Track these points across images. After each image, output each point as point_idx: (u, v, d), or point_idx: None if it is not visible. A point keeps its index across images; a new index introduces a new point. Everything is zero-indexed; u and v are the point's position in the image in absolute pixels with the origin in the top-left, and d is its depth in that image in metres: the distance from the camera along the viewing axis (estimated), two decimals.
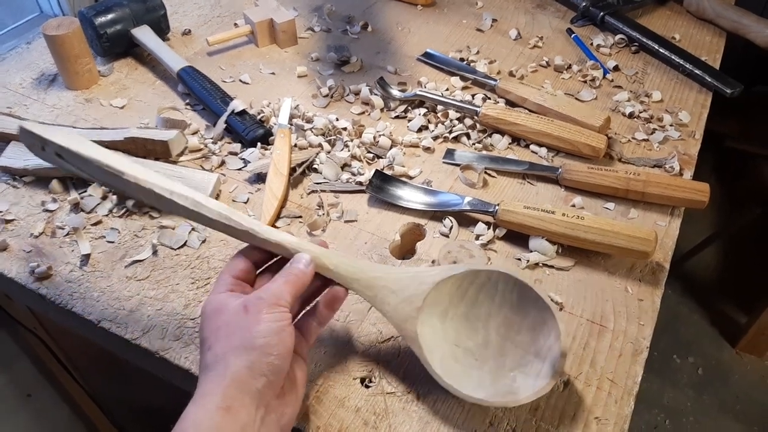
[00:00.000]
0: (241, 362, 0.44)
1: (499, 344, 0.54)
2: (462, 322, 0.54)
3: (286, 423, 0.47)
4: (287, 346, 0.46)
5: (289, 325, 0.47)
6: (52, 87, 0.89)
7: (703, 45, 1.02)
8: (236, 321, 0.46)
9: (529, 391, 0.50)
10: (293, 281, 0.49)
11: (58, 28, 0.83)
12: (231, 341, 0.45)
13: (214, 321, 0.47)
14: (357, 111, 0.86)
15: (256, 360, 0.44)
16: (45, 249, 0.67)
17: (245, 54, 0.97)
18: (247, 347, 0.44)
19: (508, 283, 0.53)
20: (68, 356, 1.00)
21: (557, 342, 0.50)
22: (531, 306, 0.52)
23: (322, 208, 0.72)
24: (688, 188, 0.71)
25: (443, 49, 0.97)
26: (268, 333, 0.45)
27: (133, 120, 0.83)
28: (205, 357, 0.46)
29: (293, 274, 0.49)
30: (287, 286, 0.48)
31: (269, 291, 0.47)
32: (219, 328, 0.46)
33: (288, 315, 0.47)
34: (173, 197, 0.50)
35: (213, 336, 0.46)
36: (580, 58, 0.97)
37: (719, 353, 1.61)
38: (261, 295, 0.47)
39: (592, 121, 0.79)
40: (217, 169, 0.77)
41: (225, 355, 0.44)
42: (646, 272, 0.66)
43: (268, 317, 0.45)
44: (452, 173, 0.77)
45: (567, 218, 0.65)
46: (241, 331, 0.45)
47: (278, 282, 0.48)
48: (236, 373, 0.44)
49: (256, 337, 0.44)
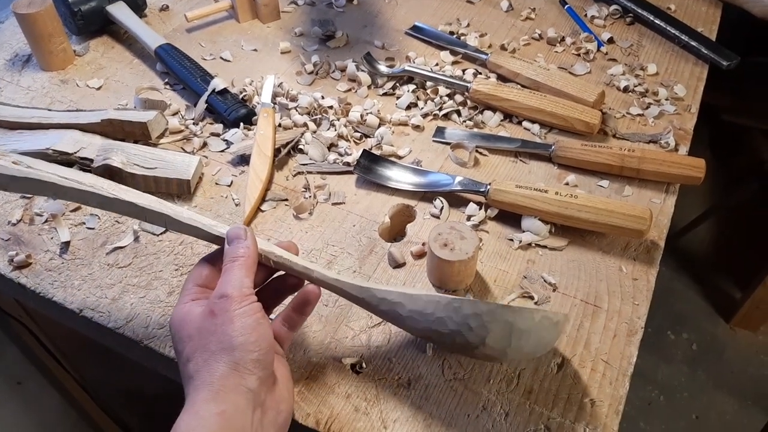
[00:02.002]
0: (225, 365, 0.42)
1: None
2: None
3: (284, 421, 0.46)
4: (267, 338, 0.44)
5: (263, 316, 0.45)
6: (26, 68, 0.86)
7: (699, 16, 0.99)
8: (207, 327, 0.44)
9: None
10: (243, 263, 0.46)
11: (29, 6, 0.80)
12: (208, 348, 0.43)
13: (184, 331, 0.45)
14: (343, 88, 0.84)
15: (240, 359, 0.42)
16: (23, 237, 0.65)
17: (226, 30, 0.94)
18: (226, 349, 0.42)
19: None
20: (55, 344, 1.00)
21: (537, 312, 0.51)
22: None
23: (309, 190, 0.70)
24: (684, 164, 0.69)
25: (432, 22, 0.95)
26: (244, 330, 0.43)
27: (110, 101, 0.81)
28: (187, 369, 0.44)
29: (240, 254, 0.47)
30: (241, 271, 0.46)
31: (228, 285, 0.45)
32: (191, 338, 0.44)
33: (257, 305, 0.45)
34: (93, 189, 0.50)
35: (188, 347, 0.44)
36: (574, 30, 0.95)
37: (713, 329, 1.62)
38: (222, 293, 0.45)
39: (585, 95, 0.78)
40: (199, 151, 0.75)
41: (207, 362, 0.43)
42: (640, 251, 0.65)
43: (239, 313, 0.44)
44: (442, 152, 0.75)
45: (560, 197, 0.64)
46: (215, 335, 0.43)
47: (231, 271, 0.46)
48: (223, 376, 0.42)
49: (233, 337, 0.43)
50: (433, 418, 0.52)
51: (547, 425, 0.52)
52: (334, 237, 0.66)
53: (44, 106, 0.80)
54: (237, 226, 0.48)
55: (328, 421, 0.52)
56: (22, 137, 0.71)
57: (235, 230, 0.48)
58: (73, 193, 0.50)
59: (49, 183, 0.49)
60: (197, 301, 0.46)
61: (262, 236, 0.66)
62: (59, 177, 0.49)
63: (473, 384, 0.54)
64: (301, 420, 0.52)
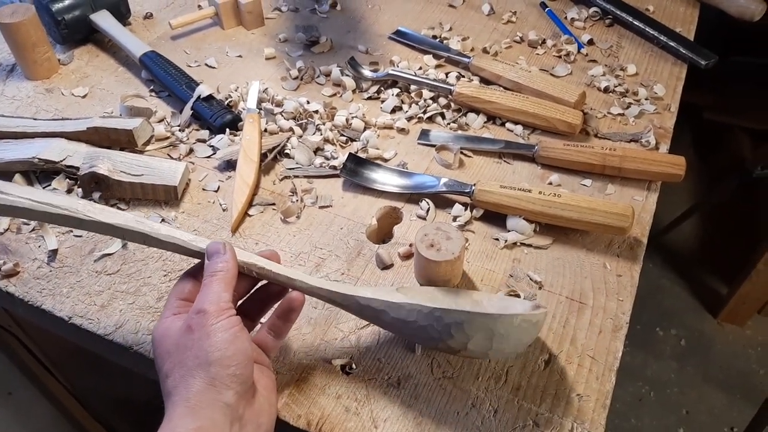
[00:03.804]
0: (201, 381, 0.42)
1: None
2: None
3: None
4: (245, 351, 0.44)
5: (241, 329, 0.45)
6: (11, 78, 0.86)
7: (677, 16, 1.01)
8: (184, 342, 0.44)
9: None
10: (222, 277, 0.46)
11: (12, 16, 0.79)
12: (186, 363, 0.43)
13: (162, 347, 0.45)
14: (328, 93, 0.84)
15: (217, 374, 0.42)
16: (11, 246, 0.65)
17: (210, 37, 0.95)
18: (203, 364, 0.42)
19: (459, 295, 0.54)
20: (45, 353, 0.99)
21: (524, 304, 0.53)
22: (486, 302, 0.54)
23: (296, 194, 0.71)
24: (665, 162, 0.70)
25: (415, 27, 0.95)
26: (221, 344, 0.43)
27: (95, 109, 0.81)
28: (165, 385, 0.44)
29: (218, 269, 0.46)
30: (219, 286, 0.46)
31: (205, 300, 0.45)
32: (170, 354, 0.44)
33: (236, 318, 0.45)
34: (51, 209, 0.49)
35: (166, 363, 0.44)
36: (555, 32, 0.96)
37: (701, 324, 1.63)
38: (199, 308, 0.44)
39: (567, 96, 0.79)
40: (185, 158, 0.75)
41: (184, 378, 0.42)
42: (624, 248, 0.66)
43: (215, 328, 0.43)
44: (428, 154, 0.76)
45: (544, 196, 0.65)
46: (192, 351, 0.43)
47: (209, 286, 0.46)
48: (200, 392, 0.42)
49: (210, 353, 0.42)
50: (423, 416, 0.52)
51: (535, 421, 0.52)
52: (322, 240, 0.66)
53: (29, 115, 0.80)
54: (216, 242, 0.48)
55: (319, 422, 0.52)
56: (7, 146, 0.71)
57: (214, 245, 0.48)
58: (47, 216, 0.49)
59: (21, 208, 0.49)
60: (178, 315, 0.46)
61: (251, 240, 0.66)
62: (31, 201, 0.49)
63: (462, 382, 0.55)
64: (293, 421, 0.52)
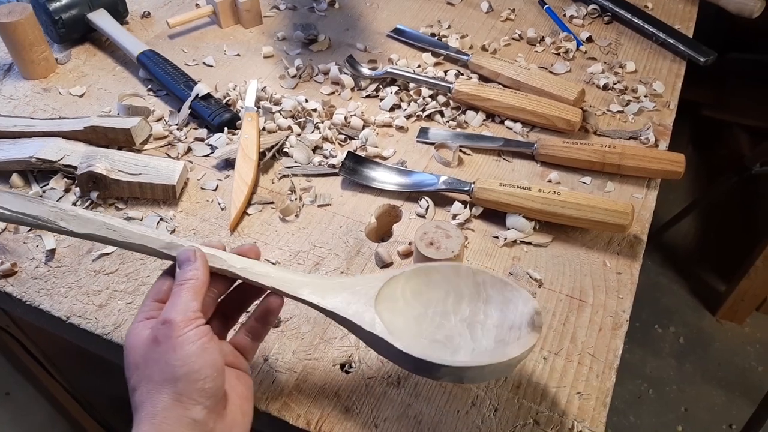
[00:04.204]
0: (167, 397, 0.40)
1: (469, 332, 0.51)
2: (422, 319, 0.51)
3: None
4: (215, 364, 0.42)
5: (210, 340, 0.42)
6: (8, 77, 0.86)
7: (675, 13, 1.01)
8: (150, 355, 0.42)
9: (515, 351, 0.46)
10: (192, 286, 0.44)
11: (9, 15, 0.79)
12: (152, 378, 0.41)
13: (131, 358, 0.43)
14: (327, 91, 0.84)
15: (184, 389, 0.40)
16: (8, 246, 0.65)
17: (208, 35, 0.94)
18: (169, 380, 0.40)
19: (459, 274, 0.50)
20: (43, 353, 0.99)
21: (527, 305, 0.48)
22: (490, 289, 0.50)
23: (295, 192, 0.71)
24: (664, 159, 0.70)
25: (414, 25, 0.95)
26: (187, 358, 0.41)
27: (93, 108, 0.81)
28: (133, 399, 0.42)
29: (187, 278, 0.45)
30: (188, 294, 0.43)
31: (172, 310, 0.43)
32: (137, 367, 0.42)
33: (204, 329, 0.43)
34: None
35: (134, 376, 0.42)
36: (553, 29, 0.96)
37: (700, 321, 1.63)
38: (165, 318, 0.42)
39: (566, 94, 0.78)
40: (184, 157, 0.75)
41: (150, 393, 0.41)
42: (623, 245, 0.66)
43: (181, 341, 0.41)
44: (427, 152, 0.76)
45: (543, 194, 0.65)
46: (158, 364, 0.41)
47: (177, 295, 0.44)
48: (166, 409, 0.40)
49: (176, 367, 0.40)
50: (423, 415, 0.52)
51: (535, 419, 0.52)
52: (321, 238, 0.66)
53: (27, 114, 0.79)
54: (186, 249, 0.46)
55: (319, 421, 0.52)
56: (5, 146, 0.71)
57: (184, 253, 0.46)
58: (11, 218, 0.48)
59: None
60: (150, 320, 0.44)
61: (249, 239, 0.66)
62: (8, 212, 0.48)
63: None
64: (292, 421, 0.52)
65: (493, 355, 0.46)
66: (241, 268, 0.47)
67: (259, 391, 0.54)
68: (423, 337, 0.50)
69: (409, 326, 0.50)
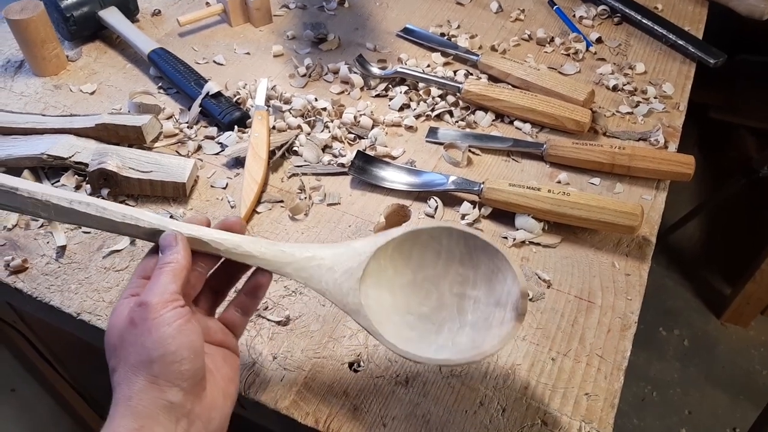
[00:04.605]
0: (143, 379, 0.40)
1: (456, 303, 0.50)
2: (411, 287, 0.50)
3: (217, 428, 0.43)
4: (192, 346, 0.41)
5: (187, 321, 0.42)
6: (19, 74, 0.86)
7: (685, 15, 1.01)
8: (127, 338, 0.41)
9: (494, 341, 0.46)
10: (171, 269, 0.44)
11: (21, 12, 0.79)
12: (129, 360, 0.41)
13: (109, 339, 0.43)
14: (336, 90, 0.84)
15: (160, 372, 0.40)
16: (19, 242, 0.65)
17: (218, 34, 0.95)
18: (144, 362, 0.40)
19: (452, 236, 0.49)
20: (50, 349, 0.99)
21: (515, 284, 0.47)
22: (481, 255, 0.49)
23: (304, 191, 0.71)
24: (674, 161, 0.70)
25: (423, 24, 0.95)
26: (162, 341, 0.40)
27: (104, 106, 0.81)
28: (112, 380, 0.42)
29: (167, 261, 0.44)
30: (167, 277, 0.43)
31: (149, 292, 0.42)
32: (115, 348, 0.42)
33: (183, 310, 0.42)
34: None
35: (113, 358, 0.42)
36: (563, 30, 0.96)
37: (705, 324, 1.63)
38: (141, 300, 0.42)
39: (576, 95, 0.78)
40: (194, 155, 0.75)
41: (126, 376, 0.40)
42: (632, 247, 0.66)
43: (157, 323, 0.40)
44: (436, 152, 0.76)
45: (553, 195, 0.65)
46: (133, 347, 0.41)
47: (156, 278, 0.43)
48: (141, 390, 0.40)
49: (151, 350, 0.40)
50: (431, 414, 0.52)
51: (543, 420, 0.52)
52: (330, 237, 0.66)
53: (38, 111, 0.80)
54: (168, 234, 0.46)
55: (327, 419, 0.52)
56: (16, 142, 0.71)
57: (165, 238, 0.46)
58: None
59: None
60: (133, 297, 0.44)
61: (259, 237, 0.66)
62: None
63: (470, 380, 0.55)
64: (301, 419, 0.52)
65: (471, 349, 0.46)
66: (225, 250, 0.47)
67: (268, 389, 0.54)
68: (410, 312, 0.49)
69: (397, 301, 0.49)
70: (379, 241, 0.48)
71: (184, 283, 0.44)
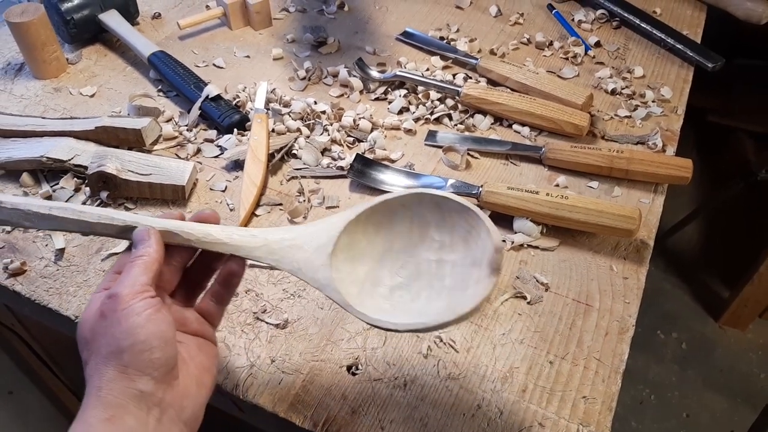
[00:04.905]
0: (113, 369, 0.40)
1: (434, 270, 0.49)
2: (386, 259, 0.49)
3: (190, 416, 0.43)
4: (162, 334, 0.41)
5: (157, 311, 0.42)
6: (19, 76, 0.86)
7: (684, 19, 1.01)
8: (97, 330, 0.42)
9: (470, 301, 0.44)
10: (143, 262, 0.44)
11: (22, 15, 0.80)
12: (100, 352, 0.41)
13: (81, 333, 0.43)
14: (336, 93, 0.84)
15: (130, 361, 0.40)
16: (18, 244, 0.65)
17: (218, 37, 0.95)
18: (114, 353, 0.40)
19: (422, 202, 0.48)
20: (47, 352, 0.99)
21: (489, 239, 0.45)
22: (455, 217, 0.48)
23: (303, 194, 0.71)
24: (672, 165, 0.70)
25: (422, 28, 0.96)
26: (131, 330, 0.40)
27: (104, 108, 0.81)
28: (84, 373, 0.42)
29: (139, 255, 0.45)
30: (138, 269, 0.43)
31: (120, 284, 0.43)
32: (87, 342, 0.42)
33: (153, 300, 0.42)
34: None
35: (84, 351, 0.43)
36: (562, 34, 0.96)
37: (703, 328, 1.63)
38: (111, 292, 0.42)
39: (574, 98, 0.79)
40: (193, 158, 0.75)
41: (97, 367, 0.41)
42: (630, 250, 0.66)
43: (127, 312, 0.41)
44: (435, 155, 0.76)
45: (551, 198, 0.65)
46: (104, 338, 0.41)
47: (127, 271, 0.44)
48: (111, 380, 0.40)
49: (120, 340, 0.40)
50: (428, 418, 0.52)
51: (541, 423, 0.52)
52: None
53: (38, 114, 0.80)
54: (141, 229, 0.46)
55: (326, 423, 0.52)
56: (16, 145, 0.71)
57: (139, 234, 0.46)
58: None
59: None
60: (106, 291, 0.44)
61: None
62: None
63: (468, 383, 0.55)
64: (299, 423, 0.52)
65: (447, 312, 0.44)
66: (195, 240, 0.47)
67: (266, 392, 0.54)
68: (385, 284, 0.49)
69: (371, 274, 0.49)
70: (349, 215, 0.48)
71: (155, 275, 0.44)
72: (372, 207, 0.48)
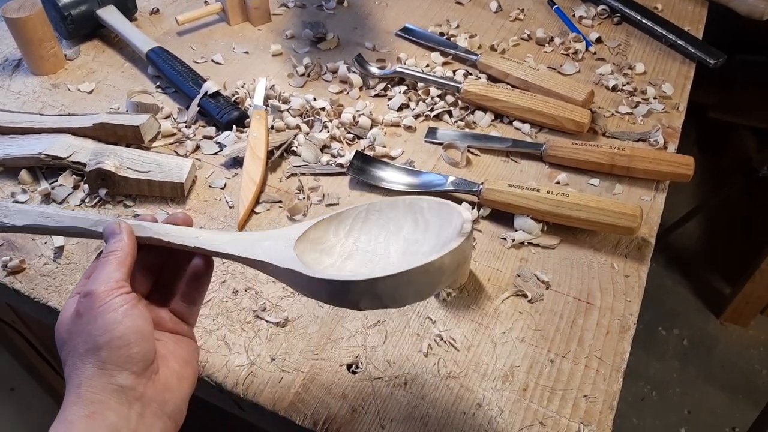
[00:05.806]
0: (92, 366, 0.40)
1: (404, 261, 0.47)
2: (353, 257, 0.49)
3: (173, 410, 0.43)
4: (139, 329, 0.41)
5: (133, 306, 0.42)
6: (17, 73, 0.86)
7: (685, 15, 1.00)
8: (74, 329, 0.42)
9: (433, 256, 0.41)
10: (116, 257, 0.44)
11: (19, 11, 0.79)
12: (77, 350, 0.41)
13: (58, 334, 0.43)
14: (335, 90, 0.84)
15: (108, 357, 0.40)
16: (17, 242, 0.65)
17: (217, 33, 0.94)
18: (92, 350, 0.41)
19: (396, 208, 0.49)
20: (48, 348, 0.99)
21: (460, 217, 0.44)
22: (429, 215, 0.48)
23: (302, 191, 0.70)
24: (673, 162, 0.70)
25: (422, 24, 0.95)
26: (108, 327, 0.40)
27: (102, 105, 0.81)
28: (64, 372, 0.42)
29: (111, 250, 0.44)
30: (111, 266, 0.43)
31: (94, 282, 0.43)
32: (65, 342, 0.43)
33: (128, 296, 0.42)
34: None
35: (63, 351, 0.43)
36: (562, 30, 0.96)
37: (704, 324, 1.63)
38: (86, 290, 0.42)
39: (575, 95, 0.78)
40: (192, 154, 0.75)
41: (75, 365, 0.41)
42: (631, 248, 0.66)
43: (102, 310, 0.41)
44: (435, 152, 0.76)
45: (552, 195, 0.64)
46: (81, 336, 0.41)
47: (100, 268, 0.44)
48: (90, 377, 0.40)
49: (96, 337, 0.40)
50: (429, 416, 0.52)
51: (542, 422, 0.52)
52: None
53: (36, 110, 0.79)
54: (111, 222, 0.46)
55: (326, 422, 0.52)
56: (14, 142, 0.71)
57: (109, 227, 0.46)
58: None
59: None
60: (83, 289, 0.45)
61: None
62: None
63: (469, 382, 0.55)
64: (299, 421, 0.52)
65: (408, 265, 0.41)
66: (165, 234, 0.47)
67: (266, 391, 0.54)
68: (348, 270, 0.48)
69: (336, 263, 0.48)
70: (322, 216, 0.48)
71: (129, 270, 0.44)
72: (345, 212, 0.49)
